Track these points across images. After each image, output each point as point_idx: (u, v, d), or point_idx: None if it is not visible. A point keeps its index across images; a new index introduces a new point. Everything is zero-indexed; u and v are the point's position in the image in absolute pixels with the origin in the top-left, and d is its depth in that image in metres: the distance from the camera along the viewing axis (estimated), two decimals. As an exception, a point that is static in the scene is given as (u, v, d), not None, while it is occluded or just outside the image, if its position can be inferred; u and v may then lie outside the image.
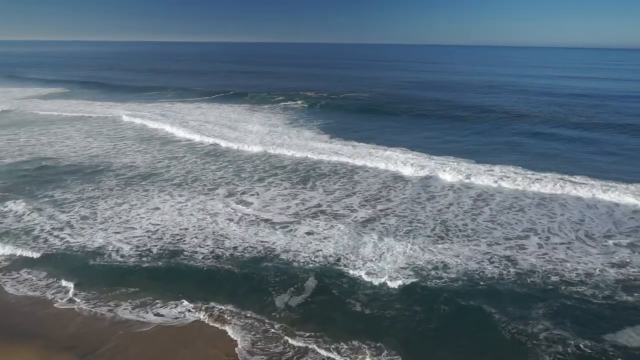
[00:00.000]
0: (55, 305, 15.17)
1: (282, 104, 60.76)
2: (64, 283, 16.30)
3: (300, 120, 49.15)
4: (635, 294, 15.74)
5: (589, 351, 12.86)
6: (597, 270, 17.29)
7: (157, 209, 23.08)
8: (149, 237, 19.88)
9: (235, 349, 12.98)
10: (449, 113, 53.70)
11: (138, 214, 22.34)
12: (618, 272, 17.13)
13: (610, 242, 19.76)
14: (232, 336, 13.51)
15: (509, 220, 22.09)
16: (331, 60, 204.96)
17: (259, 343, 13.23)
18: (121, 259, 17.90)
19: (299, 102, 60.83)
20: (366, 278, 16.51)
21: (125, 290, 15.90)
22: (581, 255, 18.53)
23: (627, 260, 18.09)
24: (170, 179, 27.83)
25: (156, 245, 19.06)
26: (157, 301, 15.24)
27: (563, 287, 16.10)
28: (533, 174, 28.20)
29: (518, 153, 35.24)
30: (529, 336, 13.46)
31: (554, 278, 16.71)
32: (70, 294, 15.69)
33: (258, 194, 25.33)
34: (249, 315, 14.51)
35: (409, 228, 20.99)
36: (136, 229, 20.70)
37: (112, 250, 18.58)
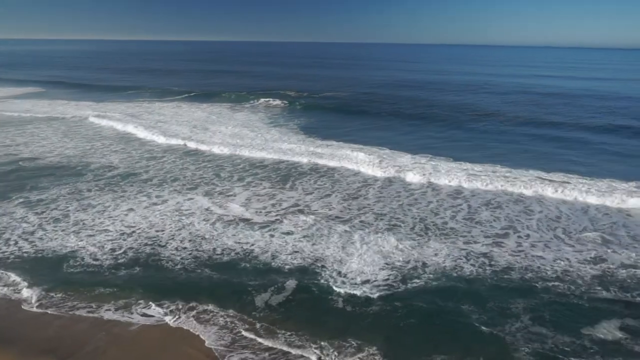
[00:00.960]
0: (29, 309, 14.86)
1: (263, 102, 60.53)
2: (38, 286, 15.95)
3: (281, 119, 49.06)
4: (612, 289, 16.06)
5: (568, 346, 13.08)
6: (574, 266, 17.63)
7: (134, 210, 22.79)
8: (124, 239, 19.55)
9: (215, 349, 12.91)
10: (428, 112, 54.13)
11: (111, 216, 21.97)
12: (594, 268, 17.45)
13: (587, 238, 20.13)
14: (212, 336, 13.41)
15: (488, 217, 22.34)
16: (314, 59, 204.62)
17: (240, 342, 13.18)
18: (99, 262, 17.61)
19: (280, 101, 60.53)
20: (345, 277, 16.54)
21: (103, 292, 15.63)
22: (558, 252, 18.84)
23: (603, 256, 18.44)
24: (148, 179, 27.52)
25: (132, 248, 18.77)
26: (137, 303, 15.04)
27: (541, 284, 16.34)
28: (510, 172, 28.60)
29: (495, 151, 35.70)
30: (508, 332, 13.65)
31: (532, 275, 16.95)
32: (46, 297, 15.38)
33: (237, 194, 25.20)
34: (229, 314, 14.44)
35: (388, 226, 21.09)
36: (111, 231, 20.37)
37: (89, 253, 18.26)
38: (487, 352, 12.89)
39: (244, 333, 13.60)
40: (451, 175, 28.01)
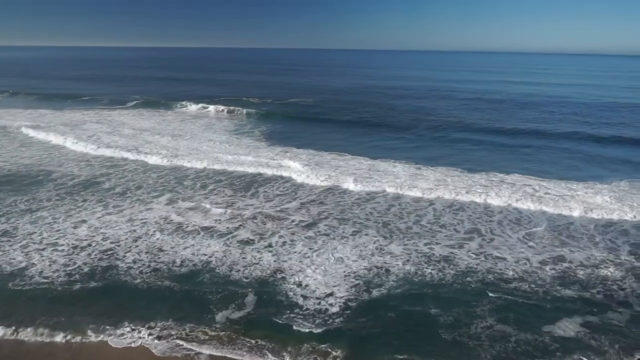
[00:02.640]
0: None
1: (226, 109, 59.53)
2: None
3: (245, 127, 48.44)
4: (572, 287, 16.51)
5: (530, 346, 13.33)
6: (535, 266, 17.92)
7: (86, 221, 21.96)
8: (77, 253, 18.70)
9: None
10: (390, 118, 54.75)
11: (63, 228, 21.13)
12: (553, 268, 17.84)
13: (546, 239, 20.56)
14: (172, 350, 13.08)
15: (451, 221, 22.55)
16: (279, 66, 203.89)
17: (201, 355, 12.88)
18: (52, 279, 16.78)
19: (244, 109, 59.43)
20: (306, 288, 16.29)
21: (58, 312, 14.82)
22: (520, 252, 19.18)
23: (564, 256, 18.88)
24: (110, 189, 26.79)
25: (87, 263, 17.95)
26: (93, 323, 14.31)
27: (503, 285, 16.59)
28: (470, 176, 29.23)
29: (455, 155, 36.45)
30: (473, 334, 13.82)
31: (494, 276, 17.16)
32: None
33: (198, 203, 24.70)
34: (189, 327, 14.07)
35: (351, 233, 21.02)
36: (62, 244, 19.48)
37: (42, 270, 17.41)
38: (452, 355, 12.95)
39: (207, 345, 13.28)
40: (414, 179, 28.23)
